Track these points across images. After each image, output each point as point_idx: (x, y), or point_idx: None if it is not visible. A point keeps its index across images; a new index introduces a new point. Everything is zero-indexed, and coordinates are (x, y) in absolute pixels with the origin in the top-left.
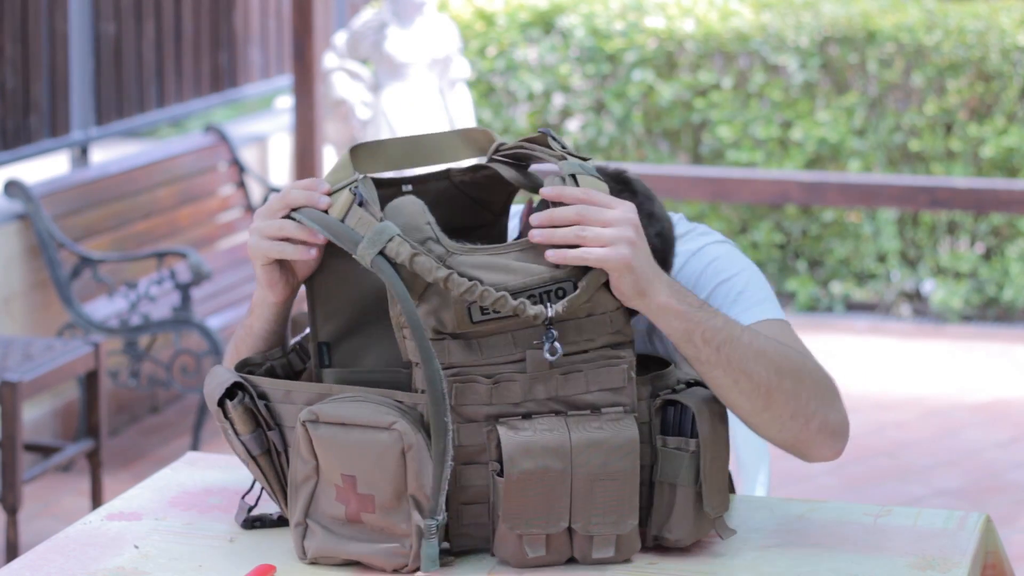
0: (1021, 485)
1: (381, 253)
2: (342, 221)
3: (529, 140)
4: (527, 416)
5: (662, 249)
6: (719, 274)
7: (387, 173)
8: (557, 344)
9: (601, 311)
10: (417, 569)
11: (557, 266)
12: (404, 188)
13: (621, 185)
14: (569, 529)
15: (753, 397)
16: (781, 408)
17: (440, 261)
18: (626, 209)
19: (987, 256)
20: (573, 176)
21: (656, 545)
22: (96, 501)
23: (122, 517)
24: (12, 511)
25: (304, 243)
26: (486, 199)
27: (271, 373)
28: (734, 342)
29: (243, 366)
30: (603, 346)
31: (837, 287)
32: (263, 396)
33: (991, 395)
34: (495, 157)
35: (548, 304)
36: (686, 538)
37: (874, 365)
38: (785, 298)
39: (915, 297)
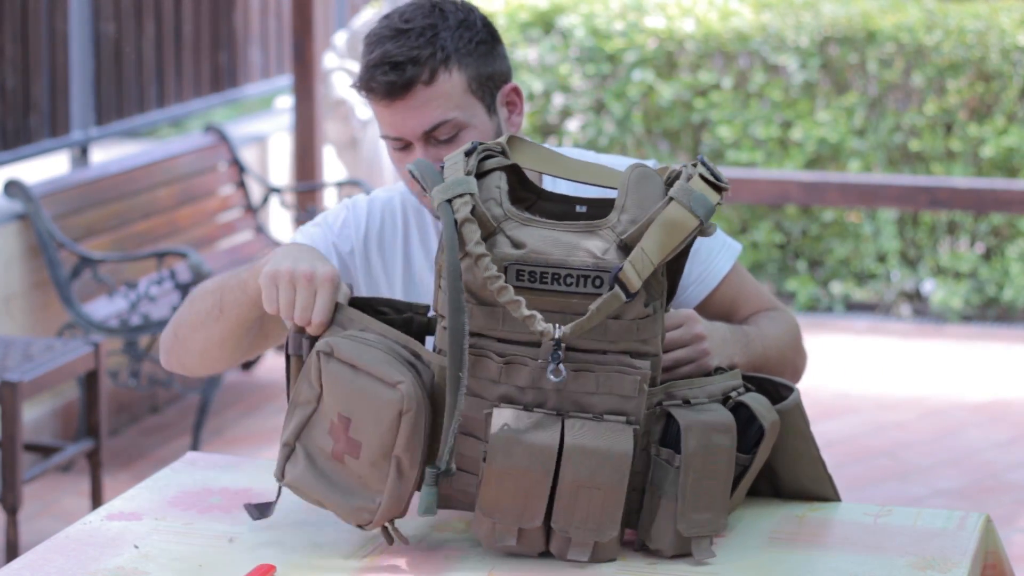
0: (1021, 485)
1: (449, 201)
2: (443, 162)
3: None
4: (529, 408)
5: (492, 35)
6: None
7: (556, 187)
8: (562, 367)
9: (630, 316)
10: (387, 529)
11: (604, 254)
12: (579, 209)
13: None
14: (548, 526)
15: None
16: (789, 378)
17: (495, 221)
18: (688, 323)
19: (987, 256)
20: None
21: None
22: (96, 501)
23: (122, 517)
24: (12, 511)
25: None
26: None
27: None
28: (767, 361)
29: (380, 302)
30: (623, 351)
31: (837, 287)
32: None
33: (991, 395)
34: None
35: (556, 325)
36: (667, 549)
37: (874, 365)
38: (785, 298)
39: (915, 297)
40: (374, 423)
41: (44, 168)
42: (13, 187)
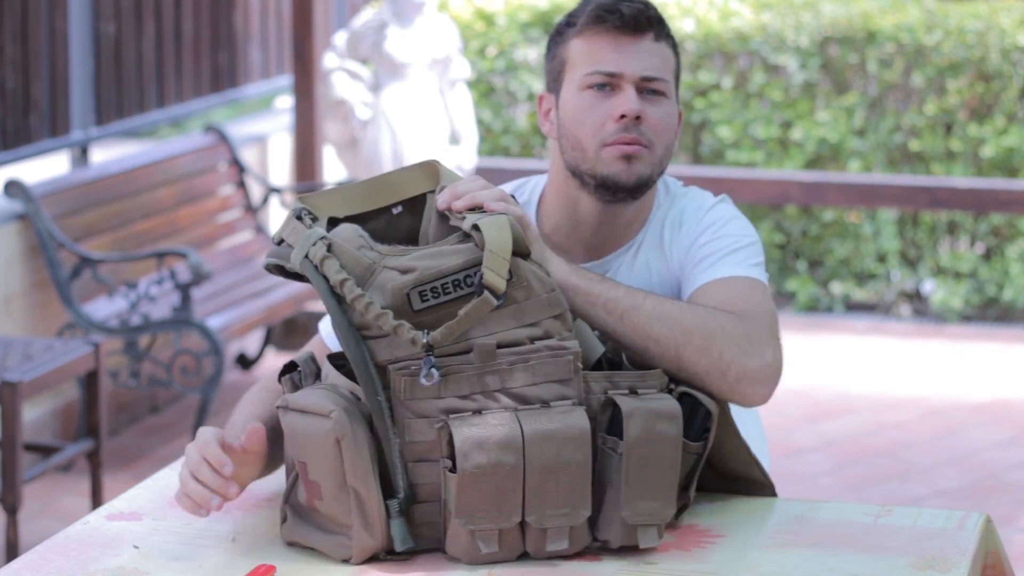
0: (1021, 485)
1: (307, 257)
2: (281, 237)
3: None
4: (478, 412)
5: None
6: (728, 233)
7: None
8: (435, 371)
9: (538, 295)
10: (372, 558)
11: (468, 257)
12: (394, 210)
13: None
14: (522, 524)
15: (665, 359)
16: (693, 365)
17: (374, 261)
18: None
19: (987, 256)
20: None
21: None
22: (96, 501)
23: (122, 517)
24: (12, 511)
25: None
26: None
27: None
28: (636, 309)
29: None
30: (546, 335)
31: (837, 287)
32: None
33: (991, 395)
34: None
35: (426, 331)
36: (614, 540)
37: (874, 365)
38: (785, 298)
39: (915, 297)
40: (321, 458)
41: (44, 168)
42: (13, 187)
